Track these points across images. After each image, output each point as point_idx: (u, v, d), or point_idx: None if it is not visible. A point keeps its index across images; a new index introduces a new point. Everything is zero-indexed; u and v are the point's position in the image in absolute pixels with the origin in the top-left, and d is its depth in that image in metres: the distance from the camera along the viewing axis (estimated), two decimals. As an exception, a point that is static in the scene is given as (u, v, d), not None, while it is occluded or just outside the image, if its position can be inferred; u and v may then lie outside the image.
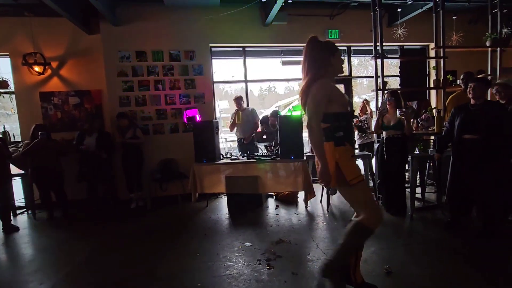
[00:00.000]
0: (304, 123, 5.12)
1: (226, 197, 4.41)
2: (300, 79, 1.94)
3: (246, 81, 5.42)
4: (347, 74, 5.74)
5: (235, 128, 5.00)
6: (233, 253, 2.81)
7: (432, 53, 4.57)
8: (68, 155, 4.31)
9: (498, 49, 4.33)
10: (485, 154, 2.71)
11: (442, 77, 4.18)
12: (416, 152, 3.73)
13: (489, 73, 4.36)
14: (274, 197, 4.60)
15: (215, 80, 5.40)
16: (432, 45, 4.60)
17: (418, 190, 3.95)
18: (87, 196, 4.41)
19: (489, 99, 3.40)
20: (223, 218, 3.86)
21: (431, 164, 4.00)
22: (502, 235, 2.78)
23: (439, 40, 4.20)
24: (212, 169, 4.20)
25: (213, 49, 5.17)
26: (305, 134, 5.82)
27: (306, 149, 4.85)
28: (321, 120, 1.79)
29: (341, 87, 5.98)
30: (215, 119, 5.09)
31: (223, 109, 14.52)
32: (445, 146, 3.12)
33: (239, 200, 4.12)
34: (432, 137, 4.32)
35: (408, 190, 3.70)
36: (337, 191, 3.93)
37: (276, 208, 4.13)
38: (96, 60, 4.77)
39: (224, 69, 7.70)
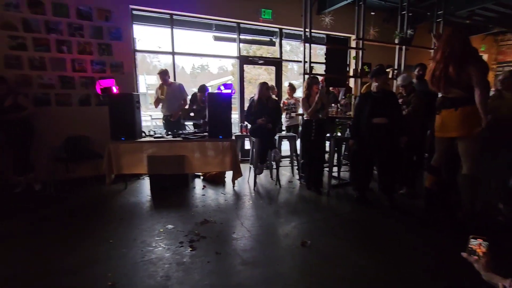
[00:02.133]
0: (234, 102, 5.04)
1: (148, 178, 4.05)
2: (232, 57, 1.82)
3: (173, 53, 4.97)
4: (278, 57, 5.83)
5: (161, 105, 4.58)
6: (152, 237, 2.59)
7: (353, 44, 4.96)
8: None
9: (404, 47, 4.96)
10: (389, 135, 3.15)
11: (360, 67, 4.58)
12: (339, 134, 4.05)
13: (395, 67, 4.98)
14: (202, 177, 4.45)
15: (137, 48, 4.80)
16: (353, 37, 4.98)
17: (335, 169, 4.34)
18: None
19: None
20: (144, 201, 3.55)
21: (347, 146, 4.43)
22: (396, 205, 3.28)
23: (359, 32, 4.56)
24: (132, 148, 3.78)
25: (134, 12, 4.53)
26: (235, 116, 5.71)
27: (235, 128, 4.81)
28: None
29: (272, 69, 6.06)
30: (137, 92, 4.56)
31: (151, 84, 13.24)
32: (357, 133, 3.38)
33: (163, 181, 3.84)
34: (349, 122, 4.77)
35: (326, 169, 4.03)
36: (263, 171, 4.07)
37: (203, 189, 4.00)
38: (-32, 4, 3.64)
39: (150, 38, 6.93)
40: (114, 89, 3.81)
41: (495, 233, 2.38)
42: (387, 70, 4.79)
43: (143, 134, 4.03)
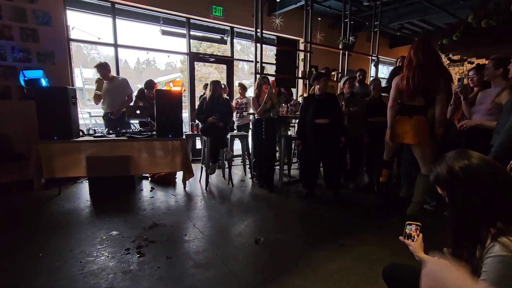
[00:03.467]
0: (184, 100, 4.85)
1: (87, 181, 3.67)
2: (182, 53, 1.73)
3: (116, 45, 4.57)
4: (230, 56, 5.79)
5: (101, 101, 4.17)
6: (93, 246, 2.35)
7: (302, 47, 5.19)
8: None
9: (346, 52, 5.36)
10: (332, 134, 3.36)
11: (308, 69, 4.81)
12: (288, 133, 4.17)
13: (339, 71, 5.36)
14: (150, 179, 4.19)
15: (72, 37, 4.30)
16: (302, 40, 5.20)
17: (286, 167, 4.47)
18: None
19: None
20: (83, 207, 3.19)
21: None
22: (341, 199, 3.52)
23: (307, 36, 4.79)
24: (67, 149, 3.37)
25: (68, -4, 4.05)
26: (185, 115, 5.53)
27: (186, 127, 4.65)
28: None
29: (223, 68, 6.00)
30: (72, 86, 4.09)
31: (88, 78, 12.00)
32: (302, 133, 3.53)
33: (105, 184, 3.51)
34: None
35: (277, 167, 4.14)
36: (215, 170, 4.00)
37: (151, 191, 3.77)
38: None
39: (87, 27, 6.27)
40: (43, 82, 3.36)
41: (423, 220, 2.71)
42: (332, 73, 5.13)
43: (81, 133, 3.63)
